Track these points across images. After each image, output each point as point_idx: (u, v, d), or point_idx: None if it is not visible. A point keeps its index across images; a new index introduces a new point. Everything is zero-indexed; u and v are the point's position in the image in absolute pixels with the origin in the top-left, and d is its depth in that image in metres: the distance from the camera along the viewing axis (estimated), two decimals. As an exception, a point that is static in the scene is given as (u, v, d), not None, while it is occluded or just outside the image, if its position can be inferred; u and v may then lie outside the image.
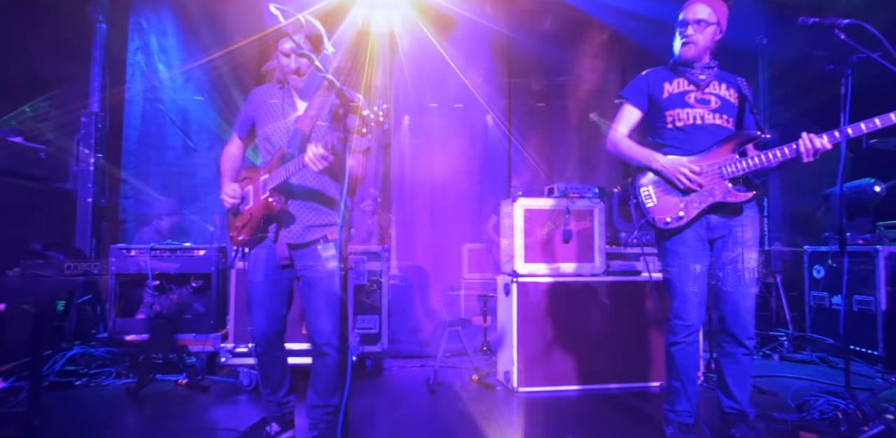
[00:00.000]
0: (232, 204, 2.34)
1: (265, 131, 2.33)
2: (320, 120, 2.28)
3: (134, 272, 3.69)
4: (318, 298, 2.25)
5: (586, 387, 3.32)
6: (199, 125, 4.81)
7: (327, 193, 2.31)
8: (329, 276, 2.25)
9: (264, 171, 2.27)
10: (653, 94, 2.46)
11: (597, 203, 3.52)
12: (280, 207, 2.20)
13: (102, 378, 3.49)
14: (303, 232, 2.26)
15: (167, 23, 4.78)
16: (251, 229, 2.28)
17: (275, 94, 2.35)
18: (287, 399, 2.47)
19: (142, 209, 4.70)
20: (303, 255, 2.29)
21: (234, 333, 3.37)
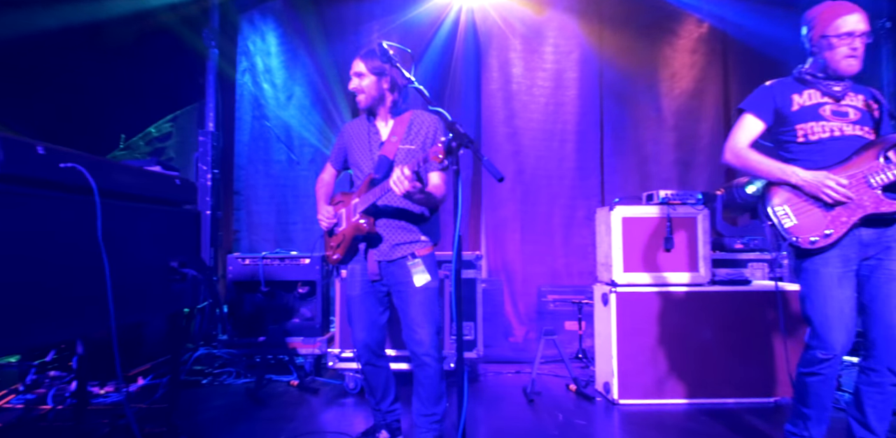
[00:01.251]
0: (328, 225, 2.50)
1: (355, 159, 2.49)
2: (403, 144, 2.38)
3: (248, 279, 3.99)
4: (414, 311, 2.34)
5: (693, 401, 3.19)
6: (301, 139, 5.08)
7: (413, 211, 2.40)
8: (421, 290, 2.35)
9: (355, 195, 2.41)
10: (780, 108, 2.24)
11: (700, 209, 3.36)
12: (369, 228, 2.32)
13: (225, 377, 3.80)
14: (390, 249, 2.37)
15: (271, 44, 5.10)
16: (344, 249, 2.43)
17: (362, 124, 2.51)
18: (393, 408, 2.58)
19: (253, 219, 5.06)
20: (392, 272, 2.40)
21: (340, 339, 3.55)
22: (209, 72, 4.76)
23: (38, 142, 1.57)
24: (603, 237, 3.51)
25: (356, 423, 2.95)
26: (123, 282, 1.87)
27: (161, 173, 2.25)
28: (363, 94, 2.36)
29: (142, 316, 2.09)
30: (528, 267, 5.13)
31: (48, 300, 1.60)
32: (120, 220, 1.91)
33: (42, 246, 1.57)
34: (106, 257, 1.72)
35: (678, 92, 5.26)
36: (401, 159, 2.35)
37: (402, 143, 2.37)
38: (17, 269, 1.47)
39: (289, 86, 5.09)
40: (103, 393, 3.33)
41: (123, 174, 1.98)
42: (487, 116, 5.17)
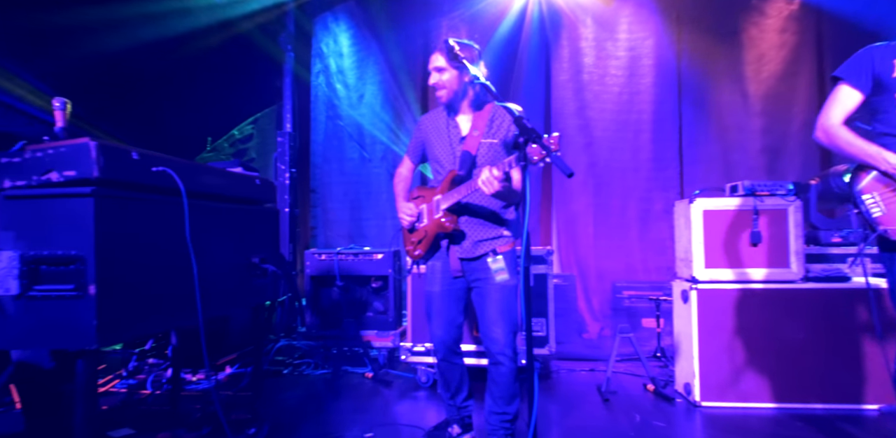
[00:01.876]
0: (410, 222, 2.50)
1: (434, 154, 2.47)
2: (485, 138, 2.35)
3: (324, 273, 4.14)
4: (492, 308, 2.33)
5: (782, 406, 2.99)
6: (372, 137, 5.20)
7: (494, 209, 2.38)
8: (500, 287, 2.32)
9: (437, 191, 2.40)
10: (879, 74, 2.01)
11: (791, 201, 3.12)
12: (452, 226, 2.32)
13: (304, 368, 3.97)
14: (472, 246, 2.36)
15: (343, 45, 5.24)
16: (426, 245, 2.44)
17: (441, 117, 2.48)
18: (466, 404, 2.59)
19: (328, 216, 5.24)
20: (473, 268, 2.39)
21: (413, 333, 3.61)
22: (286, 75, 4.96)
23: (132, 148, 1.69)
24: (682, 231, 3.35)
25: (428, 417, 2.99)
26: (210, 278, 1.98)
27: (242, 174, 2.36)
28: (444, 90, 2.33)
29: (227, 309, 2.22)
30: (601, 263, 4.99)
31: (147, 294, 1.72)
32: (206, 219, 2.02)
33: (139, 244, 1.69)
34: (193, 255, 1.83)
35: (766, 75, 4.91)
36: (483, 154, 2.33)
37: (484, 138, 2.34)
38: (121, 267, 1.59)
39: (360, 85, 5.21)
40: (195, 380, 3.57)
41: (209, 176, 2.09)
42: (557, 108, 5.05)
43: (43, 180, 1.55)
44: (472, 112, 2.41)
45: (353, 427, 2.81)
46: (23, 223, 1.54)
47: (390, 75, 5.12)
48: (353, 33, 5.21)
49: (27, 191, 1.56)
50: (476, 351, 3.44)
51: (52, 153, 1.56)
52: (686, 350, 3.17)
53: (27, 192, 1.55)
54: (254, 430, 2.61)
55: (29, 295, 1.53)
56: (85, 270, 1.51)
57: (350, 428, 2.79)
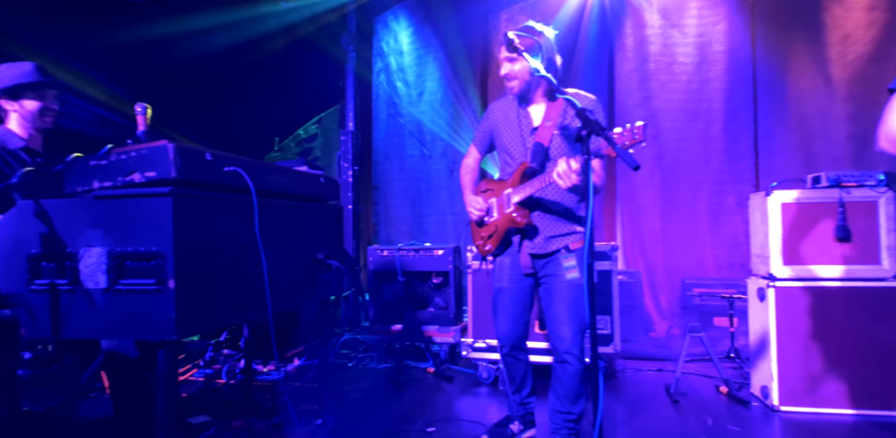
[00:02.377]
0: (478, 216, 2.46)
1: (504, 144, 2.41)
2: (558, 129, 2.27)
3: (386, 269, 4.21)
4: (560, 306, 2.28)
5: (868, 413, 2.78)
6: (432, 134, 5.23)
7: (568, 204, 2.31)
8: (570, 285, 2.27)
9: (507, 185, 2.35)
10: None
11: (882, 192, 2.88)
12: (525, 221, 2.27)
13: (368, 361, 4.06)
14: (545, 242, 2.31)
15: (403, 43, 5.30)
16: (497, 240, 2.39)
17: (511, 106, 2.41)
18: (528, 400, 2.56)
19: (389, 213, 5.33)
20: (544, 264, 2.34)
21: (473, 329, 3.61)
22: (348, 74, 5.07)
23: (206, 149, 1.77)
24: (758, 225, 3.16)
25: (489, 413, 2.98)
26: (279, 273, 2.05)
27: (307, 172, 2.43)
28: (516, 80, 2.27)
29: (295, 303, 2.29)
30: (669, 259, 4.80)
31: (221, 289, 1.80)
32: (274, 217, 2.10)
33: (213, 241, 1.78)
34: (263, 251, 1.90)
35: (852, 57, 4.55)
36: (556, 146, 2.27)
37: (557, 128, 2.26)
38: (197, 262, 1.68)
39: (420, 82, 5.25)
40: (266, 371, 3.72)
41: (276, 174, 2.17)
42: (621, 99, 4.90)
43: (127, 181, 1.65)
44: (545, 102, 2.33)
45: (416, 421, 2.84)
46: (109, 221, 1.65)
47: (450, 71, 5.13)
48: (413, 30, 5.26)
49: (113, 191, 1.66)
50: (540, 349, 3.40)
51: (135, 155, 1.65)
52: (763, 351, 3.00)
53: (113, 192, 1.66)
54: (321, 421, 2.69)
55: (116, 288, 1.64)
56: (165, 266, 1.60)
57: (413, 422, 2.83)
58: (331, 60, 5.13)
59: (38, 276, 1.70)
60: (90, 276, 1.65)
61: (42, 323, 1.70)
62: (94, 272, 1.65)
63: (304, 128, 5.34)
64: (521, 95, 2.34)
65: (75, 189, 1.71)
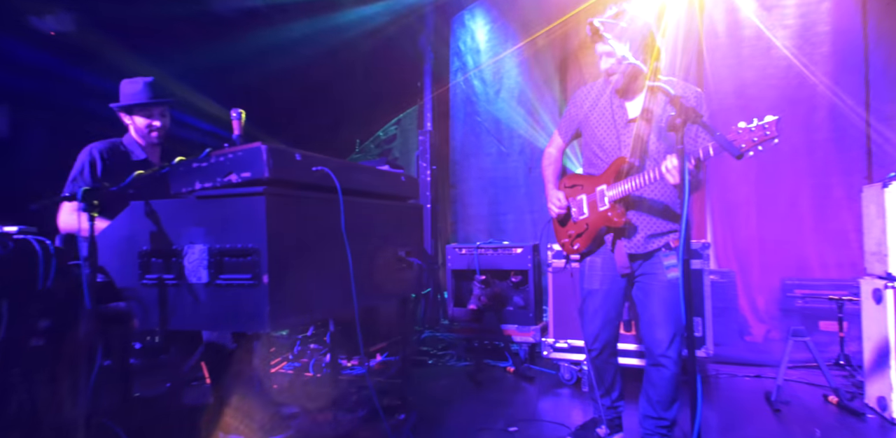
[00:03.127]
0: (557, 214, 2.38)
1: (594, 135, 2.28)
2: (659, 122, 2.14)
3: (465, 267, 4.21)
4: (657, 307, 2.17)
5: None
6: (509, 131, 5.19)
7: (668, 201, 2.19)
8: (669, 285, 2.15)
9: (600, 181, 2.22)
10: None
11: None
12: (622, 220, 2.15)
13: (447, 359, 4.09)
14: (645, 242, 2.19)
15: (479, 41, 5.29)
16: (588, 239, 2.27)
17: (603, 95, 2.26)
18: (617, 404, 2.47)
19: (467, 211, 5.34)
20: (641, 264, 2.23)
21: (555, 329, 3.54)
22: (426, 75, 5.14)
23: (295, 150, 1.85)
24: (873, 220, 2.87)
25: (573, 415, 2.91)
26: (363, 270, 2.10)
27: (389, 171, 2.47)
28: (617, 74, 2.14)
29: (377, 299, 2.34)
30: (767, 257, 4.48)
31: (309, 284, 1.87)
32: (358, 215, 2.15)
33: (302, 238, 1.84)
34: (349, 248, 1.95)
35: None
36: (655, 141, 2.14)
37: (658, 122, 2.13)
38: (288, 258, 1.75)
39: (497, 80, 5.22)
40: (349, 366, 3.83)
41: (360, 173, 2.22)
42: (712, 88, 4.62)
43: (225, 181, 1.75)
44: (644, 92, 2.18)
45: (497, 420, 2.82)
46: (210, 220, 1.75)
47: (527, 67, 5.06)
48: (490, 28, 5.23)
49: (213, 191, 1.77)
50: (630, 350, 3.27)
51: (232, 157, 1.75)
52: (880, 358, 2.73)
53: (213, 193, 1.76)
54: (403, 416, 2.73)
55: (216, 283, 1.74)
56: (259, 261, 1.68)
57: (494, 421, 2.81)
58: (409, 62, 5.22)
59: (149, 271, 1.84)
60: (193, 271, 1.77)
61: (152, 314, 1.84)
62: (196, 267, 1.76)
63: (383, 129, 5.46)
64: (623, 88, 2.20)
65: (180, 190, 1.83)
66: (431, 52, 5.14)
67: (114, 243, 1.88)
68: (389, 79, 5.27)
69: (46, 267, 1.71)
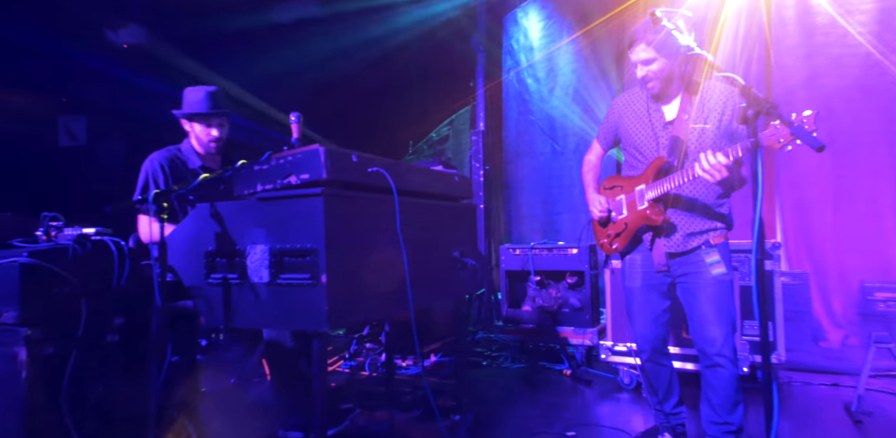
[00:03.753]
0: (599, 216, 2.37)
1: (632, 140, 2.29)
2: (696, 123, 2.12)
3: (519, 268, 4.16)
4: (706, 305, 2.12)
5: None
6: (564, 129, 5.09)
7: (708, 201, 2.16)
8: (715, 282, 2.11)
9: (639, 181, 2.23)
10: None
11: None
12: (660, 219, 2.14)
13: (501, 361, 4.05)
14: (684, 240, 2.16)
15: (533, 39, 5.22)
16: (626, 238, 2.28)
17: (639, 100, 2.29)
18: (677, 411, 2.37)
19: (521, 211, 5.28)
20: (682, 262, 2.19)
21: (613, 331, 3.44)
22: (478, 75, 5.13)
23: (352, 151, 1.87)
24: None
25: (633, 421, 2.81)
26: (418, 270, 2.10)
27: (443, 171, 2.47)
28: (654, 81, 2.13)
29: (432, 300, 2.34)
30: (844, 258, 4.20)
31: (365, 284, 1.89)
32: (413, 215, 2.15)
33: (358, 238, 1.86)
34: (404, 248, 1.95)
35: None
36: (694, 140, 2.12)
37: (695, 122, 2.12)
38: (344, 258, 1.77)
39: (551, 77, 5.14)
40: (404, 366, 3.86)
41: (414, 174, 2.23)
42: (780, 80, 4.36)
43: (285, 183, 1.79)
44: (681, 94, 2.19)
45: (554, 424, 2.76)
46: (271, 221, 1.80)
47: (582, 64, 4.95)
48: (544, 25, 5.15)
49: (273, 193, 1.81)
50: (683, 355, 3.15)
51: (291, 159, 1.79)
52: (977, 370, 2.50)
53: (273, 194, 1.81)
54: (458, 417, 2.72)
55: (276, 282, 1.78)
56: (318, 261, 1.71)
57: (552, 425, 2.75)
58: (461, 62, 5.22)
59: (214, 271, 1.90)
60: (255, 271, 1.82)
61: (217, 312, 1.90)
62: (258, 267, 1.81)
63: (436, 130, 5.48)
64: (661, 94, 2.20)
65: (242, 192, 1.89)
66: (483, 52, 5.12)
67: (182, 244, 1.96)
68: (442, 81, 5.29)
69: (121, 267, 1.81)
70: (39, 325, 1.64)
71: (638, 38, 2.09)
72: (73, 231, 1.83)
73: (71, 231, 1.83)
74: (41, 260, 1.65)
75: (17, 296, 1.62)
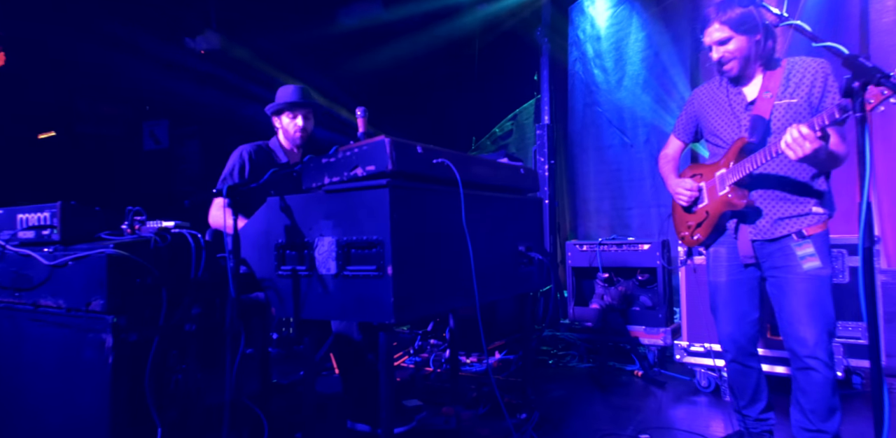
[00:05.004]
0: (689, 198, 2.22)
1: (712, 127, 2.17)
2: (781, 99, 1.98)
3: (586, 265, 4.04)
4: (797, 303, 1.95)
5: None
6: (633, 121, 4.90)
7: (798, 179, 1.98)
8: (808, 277, 1.94)
9: (719, 166, 2.10)
10: None
11: None
12: (743, 202, 2.00)
13: (568, 360, 3.94)
14: (772, 226, 2.01)
15: (599, 28, 5.05)
16: (708, 228, 2.15)
17: (718, 87, 2.18)
18: (765, 417, 2.21)
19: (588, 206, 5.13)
20: (770, 253, 2.03)
21: (689, 331, 3.27)
22: (543, 67, 5.01)
23: (416, 143, 1.85)
24: None
25: (713, 426, 2.65)
26: (483, 264, 2.06)
27: (508, 164, 2.42)
28: (732, 62, 2.00)
29: (497, 295, 2.29)
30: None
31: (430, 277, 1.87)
32: (478, 208, 2.11)
33: (423, 230, 1.85)
34: (469, 240, 1.92)
35: None
36: (779, 117, 1.98)
37: (780, 98, 1.98)
38: (410, 250, 1.76)
39: (619, 67, 4.95)
40: (468, 363, 3.83)
41: (479, 166, 2.19)
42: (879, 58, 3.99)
43: (351, 175, 1.80)
44: (761, 72, 2.05)
45: (626, 426, 2.65)
46: (338, 213, 1.81)
47: (652, 52, 4.74)
48: (612, 13, 4.97)
49: (340, 185, 1.83)
50: (773, 357, 2.94)
51: (357, 151, 1.79)
52: None
53: (340, 186, 1.82)
54: (525, 415, 2.66)
55: (343, 274, 1.79)
56: (384, 253, 1.70)
57: (623, 427, 2.64)
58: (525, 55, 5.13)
59: (283, 263, 1.94)
60: (323, 263, 1.83)
61: (287, 304, 1.94)
62: (326, 259, 1.83)
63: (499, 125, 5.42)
64: (739, 76, 2.06)
65: (311, 184, 1.91)
66: (548, 44, 4.99)
67: (253, 237, 2.01)
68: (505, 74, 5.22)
69: (198, 259, 1.87)
70: (124, 313, 1.72)
71: (711, 17, 1.97)
72: (154, 224, 1.91)
73: (153, 224, 1.91)
74: (126, 251, 1.73)
75: (104, 285, 1.70)
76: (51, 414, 1.84)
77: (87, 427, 1.74)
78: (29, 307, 1.93)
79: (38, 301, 1.90)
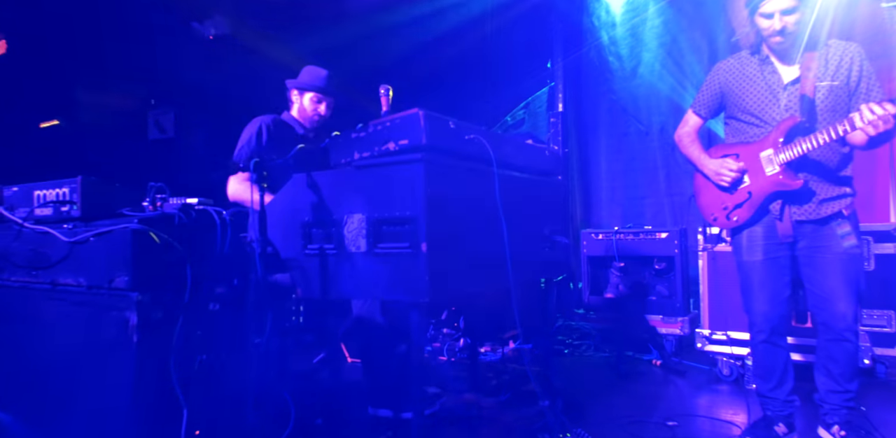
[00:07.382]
0: (733, 179, 2.16)
1: (745, 105, 2.14)
2: (822, 81, 2.00)
3: (602, 254, 3.99)
4: (835, 280, 2.02)
5: None
6: (648, 109, 4.82)
7: (837, 161, 2.04)
8: (847, 256, 2.02)
9: (764, 145, 2.07)
10: None
11: None
12: (798, 183, 1.99)
13: (584, 349, 3.90)
14: (818, 207, 2.03)
15: (614, 15, 4.97)
16: (751, 208, 2.13)
17: (749, 63, 2.14)
18: (792, 398, 2.21)
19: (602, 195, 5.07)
20: (809, 233, 2.07)
21: (710, 319, 3.23)
22: (555, 55, 4.94)
23: (449, 118, 1.80)
24: None
25: (737, 413, 2.61)
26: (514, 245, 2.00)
27: (535, 145, 2.36)
28: (788, 36, 1.97)
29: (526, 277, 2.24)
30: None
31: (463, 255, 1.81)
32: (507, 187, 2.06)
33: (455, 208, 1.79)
34: (503, 219, 1.87)
35: None
36: (822, 99, 2.00)
37: (821, 80, 2.00)
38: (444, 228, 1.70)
39: (634, 54, 4.87)
40: (482, 352, 3.78)
41: (508, 145, 2.13)
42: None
43: (383, 150, 1.74)
44: (800, 53, 2.04)
45: (651, 414, 2.61)
46: (368, 189, 1.76)
47: (670, 38, 4.67)
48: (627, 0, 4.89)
49: (371, 160, 1.77)
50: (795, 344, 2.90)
51: (389, 125, 1.74)
52: None
53: (371, 162, 1.76)
54: (548, 403, 2.61)
55: (374, 252, 1.73)
56: (417, 230, 1.65)
57: (648, 414, 2.61)
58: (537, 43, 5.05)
59: (310, 241, 1.89)
60: (353, 241, 1.78)
61: (313, 283, 1.88)
62: (355, 237, 1.77)
63: (510, 114, 5.35)
64: (785, 51, 2.05)
65: (339, 160, 1.86)
66: (562, 31, 4.92)
67: (278, 214, 1.95)
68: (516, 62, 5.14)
69: (223, 236, 1.82)
70: (149, 290, 1.67)
71: None
72: (177, 200, 1.86)
73: (176, 200, 1.86)
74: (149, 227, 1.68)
75: (129, 262, 1.65)
76: (71, 395, 1.79)
77: (110, 408, 1.69)
78: (47, 286, 1.87)
79: (57, 279, 1.85)
